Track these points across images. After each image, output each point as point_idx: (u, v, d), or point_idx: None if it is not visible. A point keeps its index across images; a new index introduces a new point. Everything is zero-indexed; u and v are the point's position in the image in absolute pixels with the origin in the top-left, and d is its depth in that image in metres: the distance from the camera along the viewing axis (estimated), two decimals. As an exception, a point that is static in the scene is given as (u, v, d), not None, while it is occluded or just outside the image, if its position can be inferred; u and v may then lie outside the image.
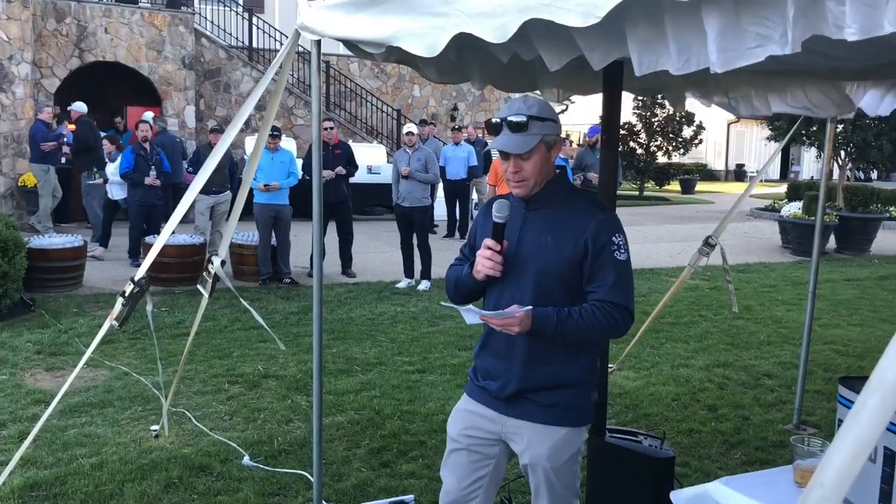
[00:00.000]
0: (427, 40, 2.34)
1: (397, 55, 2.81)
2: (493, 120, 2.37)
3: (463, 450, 2.54)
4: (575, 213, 2.38)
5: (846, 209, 13.87)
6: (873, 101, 3.97)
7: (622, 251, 2.34)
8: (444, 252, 11.38)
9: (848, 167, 17.03)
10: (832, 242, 13.38)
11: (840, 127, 15.61)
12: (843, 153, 16.48)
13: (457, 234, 13.44)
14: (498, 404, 2.49)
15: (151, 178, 9.56)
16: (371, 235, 13.44)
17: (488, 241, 2.36)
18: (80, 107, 11.98)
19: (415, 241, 9.13)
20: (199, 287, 3.90)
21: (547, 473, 2.42)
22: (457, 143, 13.37)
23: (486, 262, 2.36)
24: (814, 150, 21.53)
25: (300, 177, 9.30)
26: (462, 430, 2.55)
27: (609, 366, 4.33)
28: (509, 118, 2.33)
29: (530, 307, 2.29)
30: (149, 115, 11.91)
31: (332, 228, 9.48)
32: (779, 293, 9.43)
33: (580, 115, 25.02)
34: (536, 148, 2.34)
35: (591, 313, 2.29)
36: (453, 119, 20.04)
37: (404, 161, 9.03)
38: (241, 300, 4.59)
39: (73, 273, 8.49)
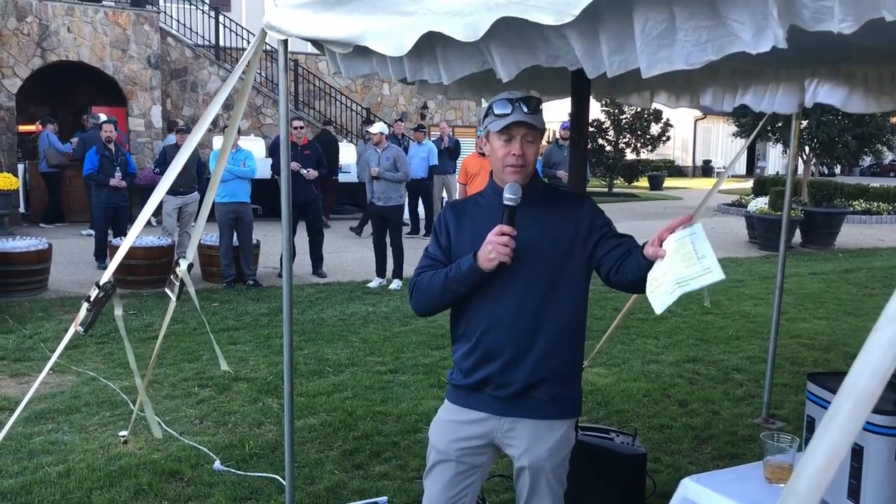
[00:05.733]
0: (395, 40, 2.31)
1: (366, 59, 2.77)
2: (506, 97, 2.32)
3: (451, 461, 2.43)
4: (559, 204, 2.42)
5: (811, 204, 14.09)
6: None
7: None
8: (410, 251, 11.34)
9: (812, 162, 17.29)
10: (797, 237, 13.57)
11: (805, 123, 15.85)
12: (807, 149, 16.73)
13: (422, 231, 13.47)
14: (494, 405, 2.38)
15: (117, 180, 9.41)
16: (341, 235, 13.37)
17: (504, 227, 2.21)
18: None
19: (388, 240, 9.11)
20: (166, 290, 3.85)
21: (547, 475, 2.38)
22: (419, 143, 13.40)
23: (502, 248, 2.19)
24: (779, 146, 21.83)
25: (255, 171, 9.15)
26: (450, 443, 2.42)
27: (581, 363, 4.36)
28: (528, 96, 2.33)
29: None
30: (103, 116, 11.73)
31: (302, 228, 9.42)
32: (746, 288, 9.54)
33: (547, 112, 25.08)
34: (542, 134, 2.37)
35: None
36: (423, 118, 19.99)
37: (374, 161, 9.01)
38: (200, 312, 4.52)
39: (38, 276, 8.33)
